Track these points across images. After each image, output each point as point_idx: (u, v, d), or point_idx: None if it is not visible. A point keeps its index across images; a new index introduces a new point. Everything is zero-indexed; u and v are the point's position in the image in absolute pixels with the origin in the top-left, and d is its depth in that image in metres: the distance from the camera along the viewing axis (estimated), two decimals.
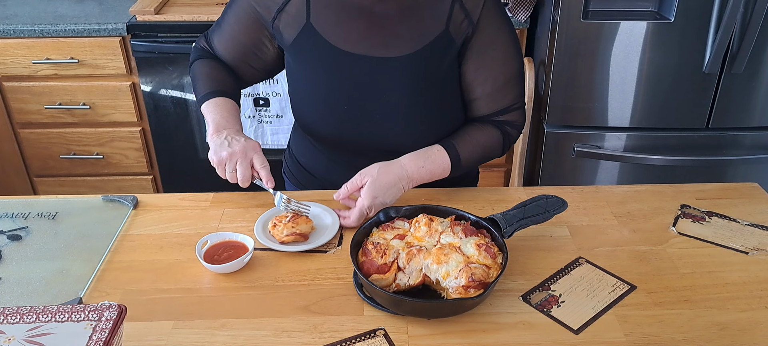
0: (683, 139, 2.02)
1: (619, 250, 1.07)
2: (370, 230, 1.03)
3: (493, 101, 1.20)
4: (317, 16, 1.15)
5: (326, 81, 1.17)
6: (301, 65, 1.18)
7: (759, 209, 1.18)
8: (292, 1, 1.15)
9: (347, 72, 1.15)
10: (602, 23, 1.84)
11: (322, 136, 1.23)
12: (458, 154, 1.17)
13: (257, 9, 1.18)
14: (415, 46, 1.13)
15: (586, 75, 1.92)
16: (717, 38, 1.81)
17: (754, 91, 1.93)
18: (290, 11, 1.16)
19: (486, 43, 1.15)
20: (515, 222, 1.02)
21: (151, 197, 1.22)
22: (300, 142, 1.34)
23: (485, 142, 1.20)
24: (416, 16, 1.13)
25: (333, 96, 1.17)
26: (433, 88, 1.15)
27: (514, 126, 1.23)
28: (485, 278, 0.91)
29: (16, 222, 1.14)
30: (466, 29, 1.13)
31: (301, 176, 1.35)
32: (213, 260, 1.01)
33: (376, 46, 1.13)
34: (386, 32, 1.13)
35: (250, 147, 1.11)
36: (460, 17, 1.12)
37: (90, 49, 2.09)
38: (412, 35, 1.13)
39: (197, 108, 2.18)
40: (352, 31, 1.14)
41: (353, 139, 1.20)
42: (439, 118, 1.19)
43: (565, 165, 2.07)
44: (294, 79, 1.22)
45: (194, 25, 2.07)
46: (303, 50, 1.17)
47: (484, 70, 1.17)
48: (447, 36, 1.13)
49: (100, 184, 2.38)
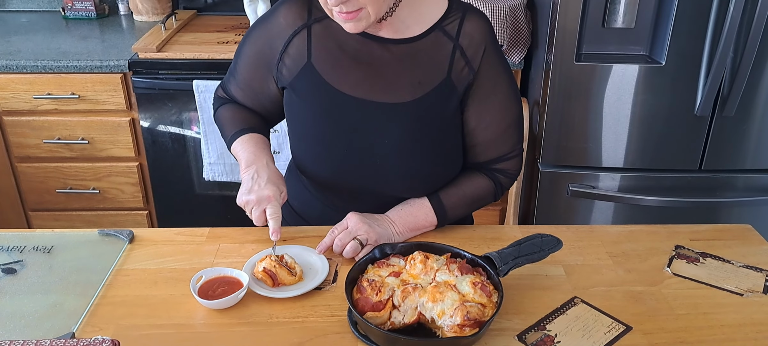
0: (677, 181, 2.03)
1: (614, 290, 1.07)
2: (365, 267, 1.03)
3: (493, 148, 1.20)
4: (318, 58, 1.16)
5: (325, 122, 1.17)
6: (300, 104, 1.19)
7: (752, 250, 1.19)
8: (294, 41, 1.17)
9: (346, 115, 1.15)
10: (595, 66, 1.87)
11: (318, 177, 1.24)
12: (444, 206, 1.19)
13: (265, 48, 1.20)
14: (416, 93, 1.13)
15: (580, 116, 1.95)
16: (708, 82, 1.84)
17: (745, 134, 1.96)
18: (291, 52, 1.17)
19: (487, 89, 1.16)
20: (510, 260, 1.02)
21: (147, 232, 1.22)
22: (294, 187, 1.33)
23: (473, 194, 1.21)
24: (417, 63, 1.13)
25: (331, 137, 1.17)
26: (433, 134, 1.15)
27: (508, 175, 1.24)
28: (481, 317, 0.91)
29: (12, 255, 1.13)
30: (467, 76, 1.14)
31: (292, 219, 1.35)
32: (207, 296, 1.01)
33: (377, 91, 1.14)
34: (387, 78, 1.14)
35: (264, 197, 1.11)
36: (461, 64, 1.13)
37: (91, 84, 2.12)
38: (413, 82, 1.13)
39: (194, 144, 2.20)
40: (351, 75, 1.14)
41: (350, 182, 1.20)
42: (438, 164, 1.19)
43: (559, 204, 2.08)
44: (293, 118, 1.23)
45: (195, 63, 2.10)
46: (303, 89, 1.18)
47: (485, 116, 1.17)
48: (449, 83, 1.13)
49: (95, 218, 2.37)
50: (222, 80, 1.32)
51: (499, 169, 1.22)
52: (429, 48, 1.13)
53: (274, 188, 1.12)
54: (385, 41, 1.14)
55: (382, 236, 1.15)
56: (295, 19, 1.17)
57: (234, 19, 2.52)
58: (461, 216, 1.23)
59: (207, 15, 2.62)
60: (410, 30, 1.14)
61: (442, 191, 1.20)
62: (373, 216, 1.18)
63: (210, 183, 2.27)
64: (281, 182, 1.16)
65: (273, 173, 1.15)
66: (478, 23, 1.14)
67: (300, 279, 1.07)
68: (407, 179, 1.18)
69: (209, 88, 2.07)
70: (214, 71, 2.10)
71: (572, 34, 1.84)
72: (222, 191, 2.30)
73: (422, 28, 1.14)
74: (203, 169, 2.22)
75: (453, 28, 1.13)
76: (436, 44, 1.13)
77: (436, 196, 1.19)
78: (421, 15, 1.14)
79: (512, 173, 1.24)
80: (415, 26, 1.14)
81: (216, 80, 2.07)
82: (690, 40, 1.82)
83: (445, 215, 1.20)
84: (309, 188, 1.30)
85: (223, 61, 2.10)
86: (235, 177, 2.23)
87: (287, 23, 1.17)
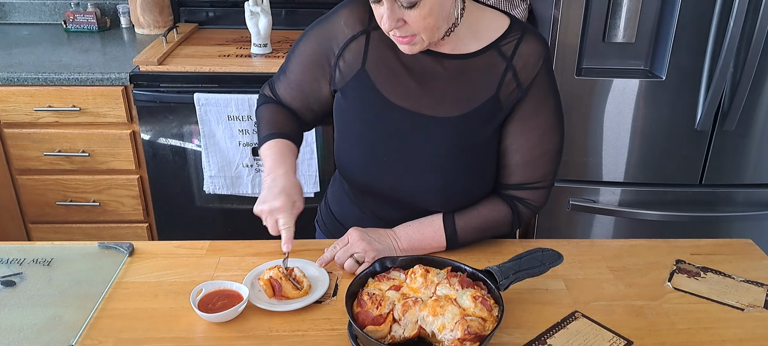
0: (677, 195, 2.03)
1: (615, 304, 1.07)
2: (366, 281, 1.03)
3: (520, 172, 1.17)
4: (372, 65, 1.16)
5: (372, 128, 1.17)
6: (350, 108, 1.19)
7: (753, 265, 1.18)
8: (352, 45, 1.17)
9: (393, 124, 1.15)
10: (595, 80, 1.88)
11: (358, 182, 1.24)
12: (455, 226, 1.18)
13: (322, 49, 1.20)
14: (463, 109, 1.13)
15: (581, 130, 1.95)
16: (708, 96, 1.85)
17: (745, 149, 1.96)
18: (347, 56, 1.17)
19: (529, 111, 1.13)
20: (511, 274, 1.02)
21: (147, 245, 1.22)
22: (337, 192, 1.35)
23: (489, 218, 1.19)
24: (468, 79, 1.13)
25: (375, 145, 1.17)
26: (474, 150, 1.14)
27: (530, 206, 1.20)
28: (481, 331, 0.90)
29: (11, 268, 1.13)
30: (515, 96, 1.12)
31: (333, 226, 1.36)
32: (207, 309, 1.01)
33: (425, 104, 1.14)
34: (436, 92, 1.14)
35: (275, 208, 1.10)
36: (511, 85, 1.12)
37: (92, 97, 2.12)
38: (461, 97, 1.13)
39: (195, 157, 2.20)
40: (402, 86, 1.14)
41: (388, 190, 1.20)
42: (475, 181, 1.18)
43: (560, 218, 2.08)
44: (341, 120, 1.22)
45: (196, 76, 2.11)
46: (354, 94, 1.18)
47: (521, 137, 1.15)
48: (496, 101, 1.12)
49: (95, 231, 2.37)
50: (271, 78, 1.32)
51: (521, 197, 1.19)
52: (482, 66, 1.13)
53: (285, 199, 1.11)
54: (440, 56, 1.14)
55: (381, 252, 1.15)
56: (355, 24, 1.17)
57: (235, 33, 2.53)
58: (472, 241, 1.21)
59: (208, 28, 2.63)
60: (468, 47, 1.13)
61: (458, 212, 1.19)
62: (376, 231, 1.18)
63: (210, 196, 2.27)
64: (297, 192, 1.14)
65: (289, 183, 1.14)
66: (535, 46, 1.12)
67: (306, 294, 1.07)
68: (444, 192, 1.17)
69: (210, 102, 2.08)
70: (215, 84, 2.11)
71: (573, 49, 1.85)
72: (222, 204, 2.30)
73: (480, 45, 1.13)
74: (204, 182, 2.22)
75: (509, 49, 1.12)
76: (490, 63, 1.12)
77: (451, 215, 1.19)
78: (480, 33, 1.13)
79: (535, 205, 1.20)
80: (473, 43, 1.13)
81: (217, 93, 2.08)
82: (690, 55, 1.83)
83: (456, 236, 1.18)
84: (348, 193, 1.30)
85: (224, 74, 2.11)
86: (235, 190, 2.23)
87: (348, 27, 1.17)
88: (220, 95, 2.08)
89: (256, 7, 2.21)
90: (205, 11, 2.65)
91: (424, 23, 1.03)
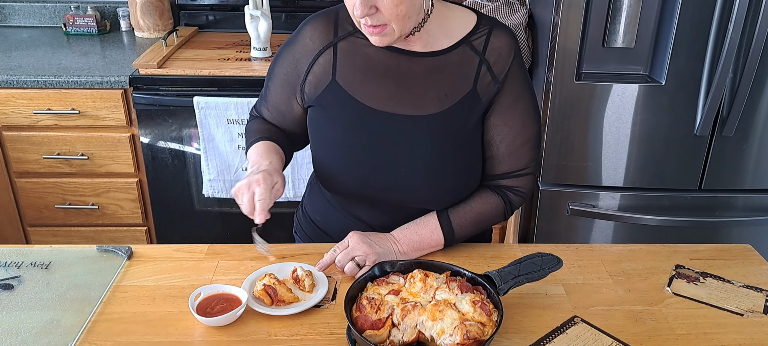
0: (676, 200, 2.03)
1: (614, 309, 1.07)
2: (365, 285, 1.03)
3: (507, 162, 1.20)
4: (343, 75, 1.16)
5: (351, 136, 1.17)
6: (328, 120, 1.19)
7: (752, 270, 1.18)
8: (319, 60, 1.17)
9: (373, 128, 1.16)
10: (595, 85, 1.88)
11: (343, 191, 1.23)
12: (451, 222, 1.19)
13: (292, 68, 1.20)
14: (443, 105, 1.14)
15: (580, 135, 1.95)
16: (707, 102, 1.85)
17: (745, 154, 1.96)
18: (316, 71, 1.18)
19: (508, 102, 1.16)
20: (510, 279, 1.02)
21: (146, 248, 1.21)
22: (316, 200, 1.34)
23: (482, 210, 1.21)
24: (444, 76, 1.14)
25: (358, 151, 1.17)
26: (458, 146, 1.16)
27: (519, 193, 1.23)
28: (480, 336, 0.90)
29: (9, 271, 1.13)
30: (492, 88, 1.15)
31: (314, 234, 1.35)
32: (206, 313, 1.00)
33: (404, 104, 1.15)
34: (414, 91, 1.15)
35: (253, 180, 1.05)
36: (487, 79, 1.15)
37: (92, 100, 2.12)
38: (439, 94, 1.14)
39: (194, 160, 2.20)
40: (378, 89, 1.15)
41: (375, 194, 1.20)
42: (461, 176, 1.19)
43: (559, 223, 2.08)
44: (318, 133, 1.22)
45: (196, 79, 2.11)
46: (328, 105, 1.18)
47: (503, 128, 1.18)
48: (474, 95, 1.14)
49: (94, 234, 2.37)
50: (256, 103, 1.32)
51: (511, 186, 1.22)
52: (456, 61, 1.15)
53: (266, 176, 1.06)
54: (413, 55, 1.15)
55: (382, 255, 1.15)
56: (321, 38, 1.18)
57: (235, 36, 2.53)
58: (469, 235, 1.22)
59: (208, 32, 2.63)
60: (438, 43, 1.15)
61: (452, 208, 1.20)
62: (376, 235, 1.18)
63: (209, 200, 2.26)
64: (279, 177, 1.10)
65: (272, 168, 1.10)
66: (505, 39, 1.16)
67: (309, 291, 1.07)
68: (431, 190, 1.18)
69: (210, 105, 2.08)
70: (214, 88, 2.11)
71: (572, 54, 1.85)
72: (221, 208, 2.30)
73: (450, 42, 1.15)
74: (203, 186, 2.22)
75: (480, 44, 1.15)
76: (464, 58, 1.15)
77: (445, 212, 1.20)
78: (450, 29, 1.15)
79: (523, 191, 1.23)
80: (444, 40, 1.15)
81: (217, 97, 2.08)
82: (690, 60, 1.83)
83: (452, 232, 1.20)
84: (332, 202, 1.29)
85: (224, 78, 2.11)
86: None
87: (313, 42, 1.18)
88: (220, 99, 2.08)
89: (256, 10, 2.22)
90: (205, 15, 2.65)
91: (396, 11, 1.03)
